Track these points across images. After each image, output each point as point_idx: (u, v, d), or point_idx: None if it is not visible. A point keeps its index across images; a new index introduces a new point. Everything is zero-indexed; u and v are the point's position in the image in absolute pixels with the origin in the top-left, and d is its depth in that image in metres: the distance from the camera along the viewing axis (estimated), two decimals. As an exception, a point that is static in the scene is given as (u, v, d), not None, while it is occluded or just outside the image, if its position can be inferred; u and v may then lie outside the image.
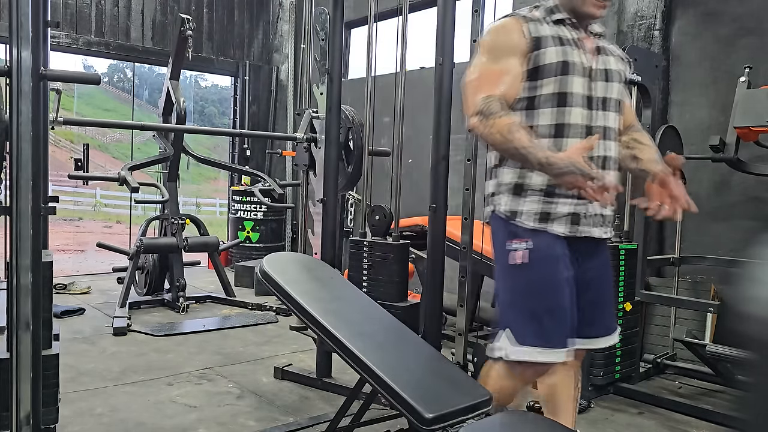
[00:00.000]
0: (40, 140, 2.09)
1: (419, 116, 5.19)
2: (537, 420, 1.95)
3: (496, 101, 1.80)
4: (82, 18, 6.78)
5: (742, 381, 0.91)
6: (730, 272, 3.55)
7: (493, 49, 1.89)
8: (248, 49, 8.05)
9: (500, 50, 1.87)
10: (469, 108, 1.84)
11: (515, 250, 1.89)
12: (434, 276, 2.94)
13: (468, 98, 1.86)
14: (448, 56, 2.88)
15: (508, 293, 1.95)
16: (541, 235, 1.88)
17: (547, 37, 1.87)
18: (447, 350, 3.09)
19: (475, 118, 1.80)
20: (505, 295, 1.96)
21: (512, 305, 1.94)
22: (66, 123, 4.02)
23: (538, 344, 1.86)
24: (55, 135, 20.17)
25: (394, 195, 3.20)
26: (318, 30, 3.56)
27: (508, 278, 1.95)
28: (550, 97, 1.87)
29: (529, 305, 1.90)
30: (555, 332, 1.87)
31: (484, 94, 1.81)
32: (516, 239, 1.90)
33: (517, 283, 1.92)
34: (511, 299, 1.94)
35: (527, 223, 1.88)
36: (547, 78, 1.86)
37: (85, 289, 5.75)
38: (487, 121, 1.77)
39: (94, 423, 2.87)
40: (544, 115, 1.87)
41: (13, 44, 1.83)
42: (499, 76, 1.85)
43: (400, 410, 2.03)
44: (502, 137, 1.75)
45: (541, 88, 1.87)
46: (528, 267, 1.87)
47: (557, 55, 1.86)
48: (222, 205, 17.98)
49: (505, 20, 1.91)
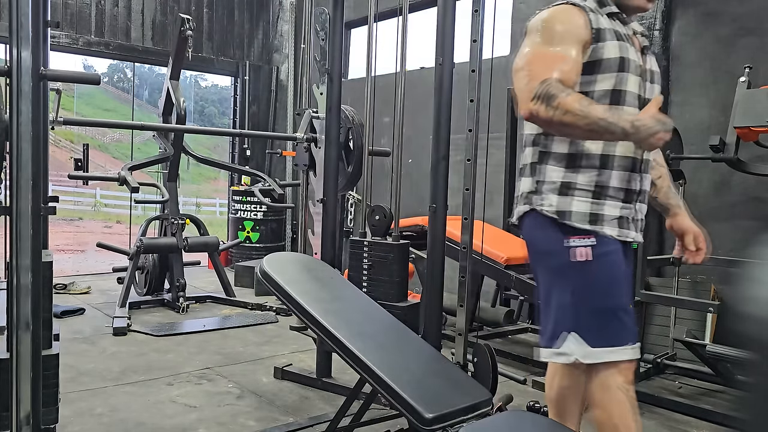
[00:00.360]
0: (40, 140, 2.09)
1: (419, 116, 5.19)
2: (537, 420, 1.95)
3: (556, 82, 1.65)
4: (82, 18, 6.78)
5: (742, 381, 0.91)
6: (730, 272, 3.55)
7: (552, 34, 1.75)
8: (248, 49, 8.05)
9: (560, 36, 1.74)
10: (524, 94, 1.69)
11: (578, 246, 1.77)
12: (434, 276, 2.94)
13: (521, 84, 1.72)
14: (448, 56, 2.87)
15: (567, 293, 1.80)
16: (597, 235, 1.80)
17: (606, 30, 1.77)
18: (447, 350, 3.09)
19: (535, 103, 1.65)
20: (564, 296, 1.81)
21: (575, 306, 1.79)
22: (66, 123, 4.02)
23: (611, 343, 1.77)
24: (55, 135, 20.17)
25: (394, 195, 3.20)
26: (318, 30, 3.56)
27: (568, 277, 1.80)
28: (606, 94, 1.78)
29: (597, 304, 1.78)
30: (626, 328, 1.79)
31: (542, 78, 1.66)
32: (575, 236, 1.78)
33: (580, 281, 1.79)
34: (573, 299, 1.79)
35: (579, 225, 1.78)
36: (604, 73, 1.77)
37: (85, 289, 5.75)
38: (551, 102, 1.62)
39: (94, 423, 2.87)
40: None
41: (13, 44, 1.83)
42: (556, 61, 1.70)
43: (400, 410, 2.03)
44: (574, 115, 1.60)
45: (597, 84, 1.78)
46: (592, 264, 1.77)
47: (617, 50, 1.76)
48: (222, 205, 17.98)
49: (565, 6, 1.78)
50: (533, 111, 1.66)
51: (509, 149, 4.98)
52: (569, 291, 1.79)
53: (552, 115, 1.62)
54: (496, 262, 3.80)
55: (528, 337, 4.60)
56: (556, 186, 1.81)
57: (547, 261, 1.85)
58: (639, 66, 1.82)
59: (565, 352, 1.79)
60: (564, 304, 1.80)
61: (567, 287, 1.80)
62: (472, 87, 2.82)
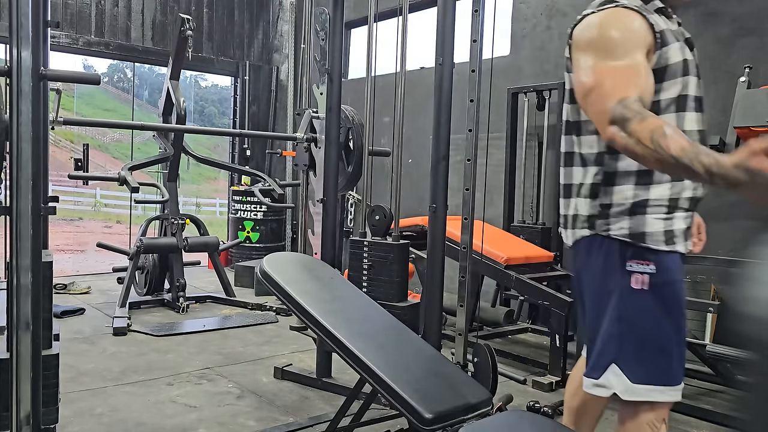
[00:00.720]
0: (40, 140, 2.09)
1: (419, 116, 5.20)
2: (537, 420, 1.95)
3: (634, 103, 1.46)
4: (82, 18, 6.78)
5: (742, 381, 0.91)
6: (730, 272, 3.55)
7: (613, 44, 1.54)
8: (248, 49, 8.05)
9: (625, 45, 1.54)
10: (602, 117, 1.50)
11: (639, 273, 1.62)
12: (434, 276, 2.94)
13: (597, 107, 1.53)
14: (448, 56, 2.87)
15: (616, 323, 1.64)
16: (667, 257, 1.63)
17: (666, 32, 1.60)
18: (447, 350, 3.09)
19: (612, 128, 1.46)
20: (612, 325, 1.64)
21: (624, 337, 1.63)
22: (66, 123, 4.02)
23: (655, 381, 1.62)
24: (55, 135, 20.16)
25: (394, 195, 3.20)
26: (318, 30, 3.56)
27: (623, 305, 1.63)
28: (671, 103, 1.63)
29: (649, 336, 1.62)
30: (673, 366, 1.63)
31: (617, 97, 1.47)
32: (637, 260, 1.62)
33: (633, 311, 1.62)
34: (622, 330, 1.63)
35: (656, 246, 1.62)
36: (671, 80, 1.61)
37: (85, 289, 5.75)
38: (628, 127, 1.43)
39: (94, 423, 2.87)
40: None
41: (13, 44, 1.83)
42: (630, 76, 1.51)
43: (400, 410, 2.03)
44: (645, 147, 1.40)
45: (663, 93, 1.62)
46: (651, 293, 1.61)
47: (679, 53, 1.61)
48: (222, 205, 17.98)
49: (621, 10, 1.58)
50: (612, 137, 1.47)
51: (509, 149, 4.98)
52: (620, 319, 1.64)
53: (627, 142, 1.44)
54: (496, 262, 3.80)
55: (528, 337, 4.60)
56: (626, 207, 1.64)
57: (603, 287, 1.68)
58: (696, 65, 1.69)
59: (604, 384, 1.65)
60: (611, 334, 1.65)
61: (620, 315, 1.64)
62: (472, 87, 2.83)
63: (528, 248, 4.22)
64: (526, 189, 4.96)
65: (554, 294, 3.57)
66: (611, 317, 1.65)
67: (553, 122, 4.75)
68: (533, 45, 5.14)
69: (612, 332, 1.65)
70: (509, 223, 4.93)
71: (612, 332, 1.65)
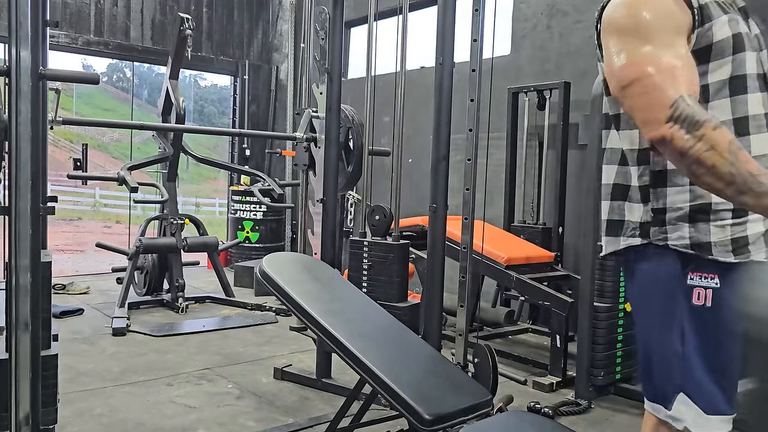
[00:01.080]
0: (39, 140, 2.08)
1: (419, 116, 5.19)
2: (537, 420, 1.95)
3: (694, 101, 1.26)
4: (81, 17, 6.78)
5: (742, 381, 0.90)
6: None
7: (654, 28, 1.33)
8: (248, 49, 8.04)
9: (667, 29, 1.33)
10: (652, 113, 1.28)
11: (701, 287, 1.40)
12: (434, 276, 2.94)
13: (642, 101, 1.31)
14: (448, 56, 2.87)
15: (678, 342, 1.42)
16: (735, 268, 1.38)
17: (709, 4, 1.38)
18: (447, 350, 3.09)
19: (672, 127, 1.24)
20: (674, 345, 1.42)
21: (690, 360, 1.41)
22: (65, 123, 4.01)
23: (726, 411, 1.40)
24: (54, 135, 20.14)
25: (394, 195, 3.19)
26: (318, 29, 3.55)
27: (688, 323, 1.41)
28: (723, 86, 1.40)
29: (716, 360, 1.41)
30: (734, 391, 1.43)
31: (672, 94, 1.26)
32: (700, 272, 1.40)
33: (696, 330, 1.40)
34: (686, 351, 1.41)
35: (722, 257, 1.38)
36: (718, 60, 1.39)
37: (84, 290, 5.74)
38: (694, 130, 1.22)
39: (94, 423, 2.86)
40: (715, 111, 1.39)
41: (13, 44, 1.83)
42: (676, 67, 1.30)
43: (400, 411, 2.02)
44: (720, 156, 1.20)
45: (711, 75, 1.40)
46: (715, 311, 1.39)
47: (727, 28, 1.38)
48: (221, 205, 17.96)
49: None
50: (668, 136, 1.25)
51: (510, 149, 4.98)
52: (683, 339, 1.42)
53: (691, 146, 1.23)
54: (496, 262, 3.80)
55: (528, 338, 4.60)
56: (685, 212, 1.41)
57: (660, 302, 1.47)
58: (752, 36, 1.43)
59: (677, 417, 1.44)
60: (674, 355, 1.43)
61: (679, 335, 1.42)
62: (473, 87, 2.82)
63: (528, 248, 4.22)
64: (526, 189, 4.96)
65: (555, 294, 3.57)
66: (673, 334, 1.44)
67: (554, 122, 4.74)
68: (534, 44, 5.14)
69: (676, 353, 1.43)
70: (510, 223, 4.92)
71: (676, 353, 1.43)
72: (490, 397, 2.25)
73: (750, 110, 1.40)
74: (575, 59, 4.78)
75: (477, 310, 4.00)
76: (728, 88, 1.40)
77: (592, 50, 1.58)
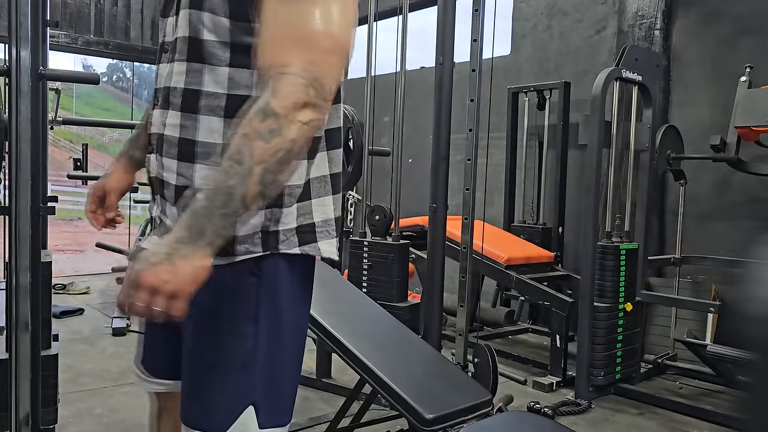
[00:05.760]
0: (39, 140, 2.08)
1: (419, 116, 5.19)
2: (537, 420, 1.95)
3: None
4: (81, 17, 6.78)
5: (742, 381, 0.90)
6: (731, 272, 3.55)
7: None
8: (248, 49, 8.04)
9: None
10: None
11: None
12: (434, 276, 2.94)
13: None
14: (448, 56, 2.87)
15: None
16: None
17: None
18: (447, 350, 3.09)
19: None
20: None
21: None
22: (65, 123, 4.02)
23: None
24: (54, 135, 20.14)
25: (394, 195, 3.20)
26: (318, 30, 3.55)
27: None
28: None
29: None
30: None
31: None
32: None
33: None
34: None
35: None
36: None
37: (84, 290, 5.74)
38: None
39: (94, 423, 2.86)
40: None
41: (13, 44, 1.83)
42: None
43: (400, 411, 2.02)
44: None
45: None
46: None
47: None
48: (222, 205, 17.93)
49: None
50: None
51: (509, 149, 4.98)
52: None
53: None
54: (496, 262, 3.80)
55: (528, 338, 4.60)
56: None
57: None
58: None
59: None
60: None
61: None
62: (473, 87, 2.82)
63: (528, 248, 4.22)
64: (526, 189, 4.95)
65: (555, 294, 3.57)
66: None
67: (554, 122, 4.74)
68: (534, 44, 5.14)
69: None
70: (509, 223, 4.92)
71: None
72: (490, 397, 2.25)
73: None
74: (575, 59, 4.78)
75: (477, 310, 4.00)
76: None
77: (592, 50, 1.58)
